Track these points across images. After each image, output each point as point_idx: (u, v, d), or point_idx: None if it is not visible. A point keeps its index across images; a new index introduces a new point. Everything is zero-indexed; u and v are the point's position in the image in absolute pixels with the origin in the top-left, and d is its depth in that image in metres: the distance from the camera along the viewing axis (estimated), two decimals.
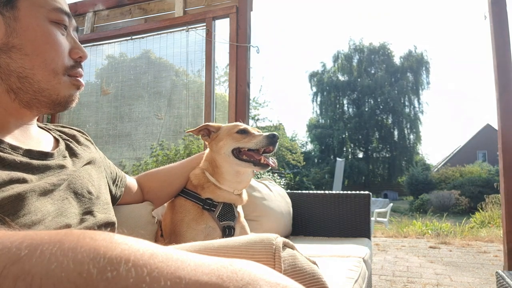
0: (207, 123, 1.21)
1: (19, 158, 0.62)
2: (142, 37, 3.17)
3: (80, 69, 0.74)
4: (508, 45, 2.39)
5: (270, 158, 1.13)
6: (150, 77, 3.23)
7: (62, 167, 0.71)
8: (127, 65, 3.32)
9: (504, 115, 2.36)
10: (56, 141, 0.79)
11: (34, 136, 0.73)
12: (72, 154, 0.79)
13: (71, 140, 0.84)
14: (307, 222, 2.33)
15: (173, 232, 1.09)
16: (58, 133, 0.84)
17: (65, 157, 0.76)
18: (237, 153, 1.12)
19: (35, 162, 0.65)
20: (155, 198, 1.16)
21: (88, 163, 0.82)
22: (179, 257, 0.24)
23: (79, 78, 0.74)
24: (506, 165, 2.34)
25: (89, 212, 0.73)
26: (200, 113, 2.95)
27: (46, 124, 0.85)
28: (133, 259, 0.22)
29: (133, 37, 3.15)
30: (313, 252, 1.73)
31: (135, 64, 3.28)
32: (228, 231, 1.09)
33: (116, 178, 1.00)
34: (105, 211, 0.79)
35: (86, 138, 0.93)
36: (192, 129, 1.21)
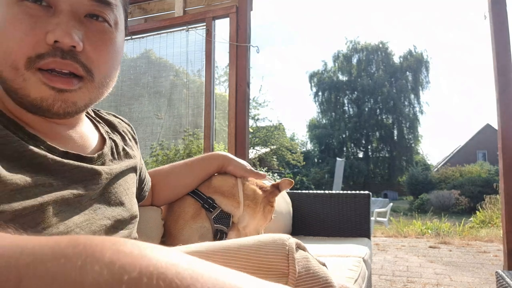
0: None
1: (53, 157, 0.54)
2: (142, 37, 3.17)
3: (51, 59, 0.50)
4: (508, 45, 2.38)
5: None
6: (150, 77, 3.23)
7: (98, 173, 0.62)
8: (127, 64, 3.32)
9: (504, 115, 2.35)
10: (102, 141, 0.69)
11: (77, 137, 0.63)
12: (114, 158, 0.69)
13: (117, 140, 0.74)
14: (307, 222, 2.33)
15: (167, 228, 1.05)
16: (107, 128, 0.74)
17: (103, 163, 0.65)
18: None
19: (68, 165, 0.56)
20: (163, 199, 1.07)
21: (127, 169, 0.73)
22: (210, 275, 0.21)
23: (58, 73, 0.51)
24: (506, 165, 2.33)
25: (117, 226, 0.66)
26: (200, 113, 2.95)
27: (98, 110, 0.75)
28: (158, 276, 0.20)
29: (133, 37, 3.15)
30: (313, 252, 1.72)
31: (135, 64, 3.28)
32: (220, 235, 1.05)
33: (143, 180, 0.92)
34: (133, 226, 0.72)
35: (133, 136, 0.85)
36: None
